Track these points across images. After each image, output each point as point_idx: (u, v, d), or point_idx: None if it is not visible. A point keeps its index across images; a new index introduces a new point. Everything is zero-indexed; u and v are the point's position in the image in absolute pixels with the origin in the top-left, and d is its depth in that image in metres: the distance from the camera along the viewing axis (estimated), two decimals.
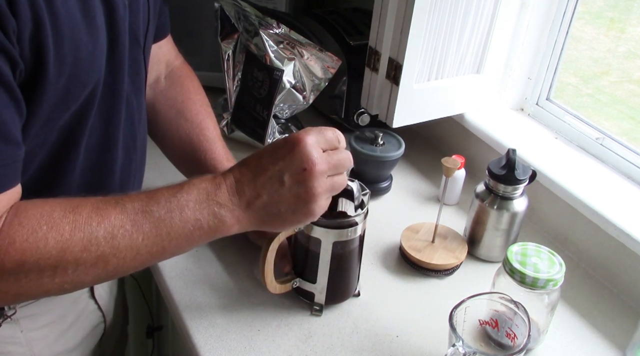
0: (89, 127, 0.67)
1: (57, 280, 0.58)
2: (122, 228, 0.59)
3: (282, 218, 0.66)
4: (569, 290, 0.91)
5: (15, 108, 0.55)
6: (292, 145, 0.64)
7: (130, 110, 0.74)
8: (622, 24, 1.22)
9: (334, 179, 0.67)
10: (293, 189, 0.64)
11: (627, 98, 1.17)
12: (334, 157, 0.66)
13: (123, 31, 0.66)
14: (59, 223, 0.57)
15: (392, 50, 1.01)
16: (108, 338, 0.93)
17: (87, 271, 0.59)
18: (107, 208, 0.60)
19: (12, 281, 0.56)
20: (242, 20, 1.16)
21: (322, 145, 0.66)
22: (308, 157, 0.64)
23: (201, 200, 0.63)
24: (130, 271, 0.64)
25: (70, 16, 0.57)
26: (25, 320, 0.75)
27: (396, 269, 0.93)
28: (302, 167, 0.64)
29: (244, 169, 0.66)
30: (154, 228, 0.61)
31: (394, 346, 0.80)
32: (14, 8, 0.51)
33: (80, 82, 0.61)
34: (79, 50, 0.59)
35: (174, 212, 0.62)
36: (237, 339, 0.78)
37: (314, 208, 0.66)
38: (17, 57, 0.53)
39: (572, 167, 1.03)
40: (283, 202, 0.65)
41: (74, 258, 0.57)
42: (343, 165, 0.67)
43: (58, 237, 0.57)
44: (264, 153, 0.66)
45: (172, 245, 0.63)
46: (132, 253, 0.60)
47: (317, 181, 0.64)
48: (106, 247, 0.59)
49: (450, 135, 1.23)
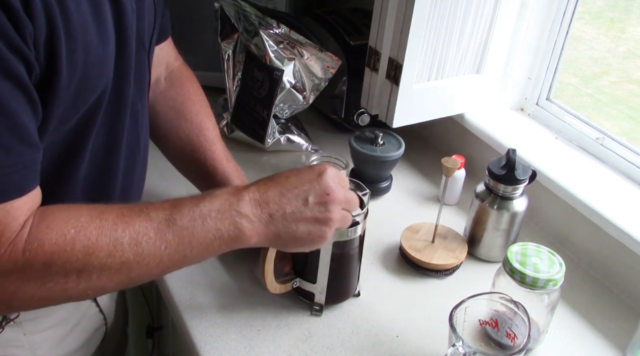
0: (95, 130, 0.67)
1: (81, 286, 0.59)
2: (146, 236, 0.61)
3: (297, 237, 0.69)
4: (569, 290, 0.91)
5: (33, 112, 0.56)
6: (318, 171, 0.70)
7: (135, 113, 0.74)
8: (622, 24, 1.22)
9: (345, 213, 0.72)
10: (314, 210, 0.69)
11: (627, 98, 1.17)
12: (348, 193, 0.73)
13: (131, 35, 0.67)
14: (86, 227, 0.58)
15: (392, 50, 1.01)
16: (109, 340, 0.93)
17: (111, 277, 0.60)
18: (132, 216, 0.61)
19: (39, 285, 0.57)
20: (242, 20, 1.16)
21: (339, 181, 0.71)
22: (331, 184, 0.69)
23: (223, 209, 0.65)
24: (151, 279, 0.65)
25: (82, 21, 0.58)
26: (27, 323, 0.75)
27: (396, 269, 0.93)
28: (326, 192, 0.69)
29: (270, 183, 0.69)
30: (177, 237, 0.62)
31: (394, 346, 0.80)
32: (30, 13, 0.52)
33: (90, 86, 0.62)
34: (90, 55, 0.60)
35: (196, 221, 0.63)
36: (237, 339, 0.78)
37: (327, 233, 0.70)
38: (34, 61, 0.54)
39: (572, 167, 1.03)
40: (302, 221, 0.68)
41: (99, 263, 0.58)
42: (353, 203, 0.74)
43: (85, 241, 0.58)
44: (291, 174, 0.70)
45: (194, 254, 0.64)
46: (155, 260, 0.62)
47: (335, 207, 0.70)
48: (130, 253, 0.60)
49: (450, 135, 1.23)
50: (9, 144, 0.54)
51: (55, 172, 0.66)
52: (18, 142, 0.54)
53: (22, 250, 0.55)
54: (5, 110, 0.52)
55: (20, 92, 0.53)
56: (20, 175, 0.55)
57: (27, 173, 0.56)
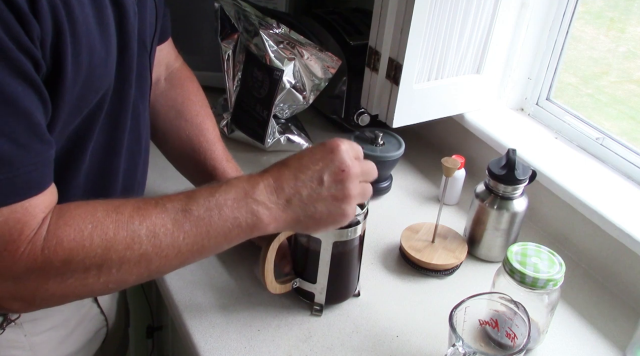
0: (96, 131, 0.67)
1: (102, 280, 0.59)
2: (164, 227, 0.61)
3: (317, 218, 0.68)
4: (569, 290, 0.91)
5: (44, 110, 0.56)
6: (330, 148, 0.68)
7: (136, 114, 0.74)
8: (622, 24, 1.22)
9: (364, 185, 0.70)
10: (331, 189, 0.67)
11: (627, 98, 1.17)
12: (364, 165, 0.70)
13: (133, 37, 0.67)
14: (103, 222, 0.58)
15: (392, 50, 1.01)
16: (110, 341, 0.93)
17: (130, 270, 0.60)
18: (148, 208, 0.61)
19: (59, 281, 0.57)
20: (242, 20, 1.16)
21: (353, 154, 0.69)
22: (346, 159, 0.67)
23: (239, 198, 0.65)
24: (171, 271, 0.65)
25: (86, 24, 0.58)
26: (28, 324, 0.75)
27: (396, 269, 0.93)
28: (340, 168, 0.67)
29: (283, 168, 0.68)
30: (194, 227, 0.62)
31: (394, 346, 0.80)
32: (37, 14, 0.52)
33: (93, 88, 0.62)
34: (94, 57, 0.60)
35: (212, 210, 0.63)
36: (237, 339, 0.78)
37: (348, 210, 0.69)
38: (41, 61, 0.54)
39: (572, 167, 1.03)
40: (320, 201, 0.67)
41: (118, 256, 0.59)
42: (371, 173, 0.72)
43: (103, 236, 0.58)
44: (303, 155, 0.69)
45: (212, 244, 0.64)
46: (173, 251, 0.62)
47: (352, 183, 0.68)
48: (149, 245, 0.60)
49: (450, 135, 1.23)
50: (27, 142, 0.54)
51: (56, 173, 0.66)
52: (35, 139, 0.55)
53: (41, 248, 0.55)
54: (21, 108, 0.53)
55: (32, 91, 0.54)
56: (38, 173, 0.56)
57: (44, 171, 0.57)
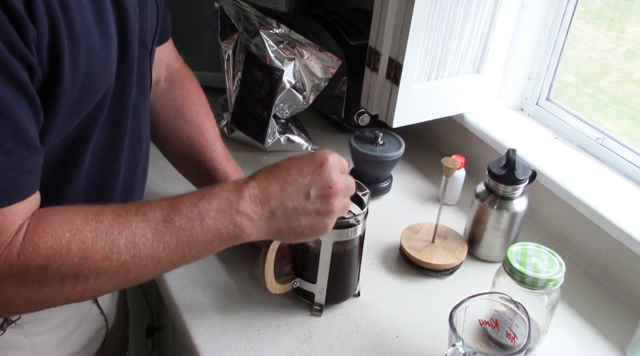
0: (97, 132, 0.67)
1: (78, 288, 0.58)
2: (144, 237, 0.60)
3: (299, 231, 0.68)
4: (569, 290, 0.91)
5: (34, 116, 0.56)
6: (320, 162, 0.68)
7: (137, 115, 0.74)
8: (622, 24, 1.22)
9: (345, 201, 0.71)
10: (316, 203, 0.67)
11: (627, 98, 1.17)
12: (348, 180, 0.71)
13: (134, 38, 0.67)
14: (81, 230, 0.58)
15: (392, 50, 1.01)
16: (110, 341, 0.93)
17: (108, 280, 0.59)
18: (129, 217, 0.60)
19: (35, 288, 0.57)
20: (242, 20, 1.16)
21: (340, 168, 0.69)
22: (333, 176, 0.67)
23: (223, 209, 0.64)
24: (150, 279, 0.64)
25: (85, 25, 0.58)
26: (28, 325, 0.75)
27: (396, 269, 0.93)
28: (328, 185, 0.67)
29: (271, 178, 0.67)
30: (175, 237, 0.62)
31: (394, 346, 0.80)
32: (33, 17, 0.52)
33: (92, 90, 0.62)
34: (93, 59, 0.60)
35: (195, 221, 0.62)
36: (237, 339, 0.78)
37: (328, 224, 0.69)
38: (36, 66, 0.54)
39: (572, 167, 1.03)
40: (304, 214, 0.67)
41: (95, 266, 0.58)
42: (351, 189, 0.72)
43: (80, 245, 0.57)
44: (291, 166, 0.68)
45: (192, 254, 0.64)
46: (153, 262, 0.61)
47: (337, 199, 0.68)
48: (127, 255, 0.59)
49: (450, 135, 1.23)
50: (11, 149, 0.53)
51: (57, 174, 0.66)
52: (20, 146, 0.54)
53: (17, 254, 0.55)
54: (7, 114, 0.52)
55: (22, 96, 0.53)
56: (21, 180, 0.55)
57: (28, 178, 0.56)
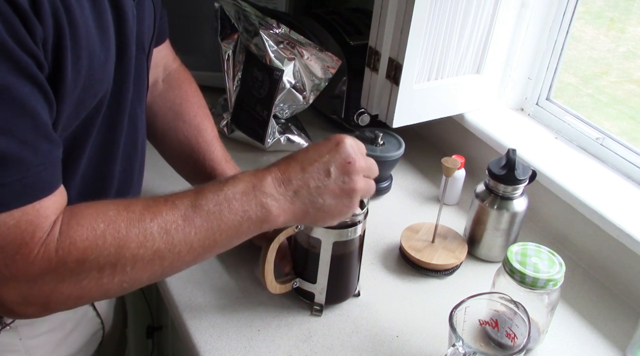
0: (93, 134, 0.67)
1: (116, 279, 0.59)
2: (175, 223, 0.61)
3: (325, 210, 0.69)
4: (569, 290, 0.91)
5: (49, 110, 0.56)
6: (336, 141, 0.69)
7: (133, 117, 0.74)
8: (622, 24, 1.22)
9: (368, 180, 0.72)
10: (338, 180, 0.68)
11: (627, 98, 1.17)
12: (368, 160, 0.72)
13: (132, 41, 0.67)
14: (115, 220, 0.59)
15: (392, 50, 1.01)
16: (107, 344, 0.92)
17: (144, 268, 0.60)
18: (158, 206, 0.62)
19: (74, 282, 0.57)
20: (242, 20, 1.16)
21: (357, 148, 0.71)
22: (351, 152, 0.69)
23: (247, 191, 0.65)
24: (184, 268, 0.66)
25: (86, 27, 0.58)
26: (24, 328, 0.74)
27: (396, 269, 0.93)
28: (347, 160, 0.68)
29: (291, 161, 0.69)
30: (205, 221, 0.63)
31: (394, 346, 0.80)
32: (39, 17, 0.52)
33: (92, 92, 0.62)
34: (93, 61, 0.60)
35: (222, 204, 0.64)
36: (237, 339, 0.78)
37: (354, 202, 0.70)
38: (44, 63, 0.54)
39: (572, 167, 1.03)
40: (327, 193, 0.68)
41: (131, 254, 0.59)
42: (374, 170, 0.73)
43: (115, 234, 0.58)
44: (309, 149, 0.70)
45: (223, 238, 0.65)
46: (186, 247, 0.62)
47: (358, 175, 0.69)
48: (161, 242, 0.60)
49: (450, 135, 1.23)
50: (36, 143, 0.54)
51: None
52: (43, 140, 0.55)
53: (55, 250, 0.55)
54: (29, 109, 0.53)
55: (38, 90, 0.54)
56: (48, 173, 0.56)
57: (53, 171, 0.57)
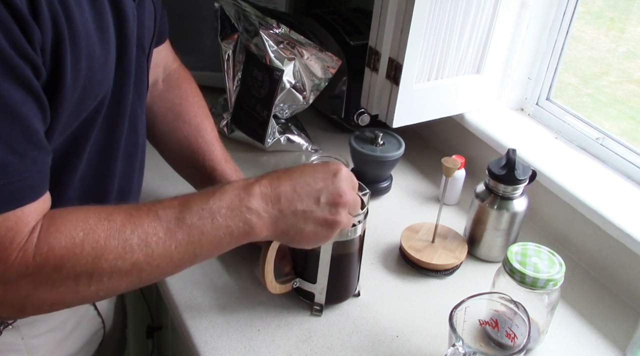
0: (94, 135, 0.67)
1: (92, 288, 0.59)
2: (156, 236, 0.60)
3: (304, 235, 0.69)
4: (569, 290, 0.91)
5: (42, 117, 0.56)
6: (334, 171, 0.69)
7: (134, 117, 0.74)
8: (622, 24, 1.22)
9: (349, 217, 0.72)
10: (325, 210, 0.68)
11: (627, 98, 1.17)
12: (356, 197, 0.72)
13: (132, 42, 0.67)
14: (95, 230, 0.58)
15: (392, 50, 1.01)
16: (107, 343, 0.93)
17: (121, 279, 0.60)
18: (140, 216, 0.61)
19: (50, 289, 0.57)
20: (242, 20, 1.16)
21: (351, 183, 0.71)
22: (345, 187, 0.69)
23: (233, 206, 0.65)
24: (163, 278, 0.66)
25: (86, 29, 0.58)
26: (25, 327, 0.75)
27: (396, 269, 0.93)
28: (339, 194, 0.69)
29: (283, 178, 0.68)
30: (187, 235, 0.62)
31: (394, 346, 0.80)
32: (38, 20, 0.52)
33: (92, 93, 0.62)
34: (93, 63, 0.60)
35: (205, 219, 0.63)
36: (237, 339, 0.78)
37: (331, 234, 0.71)
38: (41, 67, 0.54)
39: (572, 167, 1.03)
40: (311, 219, 0.68)
41: (108, 266, 0.58)
42: (357, 208, 0.73)
43: (94, 244, 0.57)
44: (305, 171, 0.70)
45: (204, 252, 0.64)
46: (165, 260, 0.61)
47: (344, 211, 0.70)
48: (140, 254, 0.60)
49: (450, 135, 1.23)
50: (23, 149, 0.54)
51: (53, 176, 0.65)
52: (31, 147, 0.54)
53: (32, 255, 0.55)
54: (18, 116, 0.53)
55: (30, 97, 0.53)
56: (33, 180, 0.55)
57: (39, 179, 0.56)
